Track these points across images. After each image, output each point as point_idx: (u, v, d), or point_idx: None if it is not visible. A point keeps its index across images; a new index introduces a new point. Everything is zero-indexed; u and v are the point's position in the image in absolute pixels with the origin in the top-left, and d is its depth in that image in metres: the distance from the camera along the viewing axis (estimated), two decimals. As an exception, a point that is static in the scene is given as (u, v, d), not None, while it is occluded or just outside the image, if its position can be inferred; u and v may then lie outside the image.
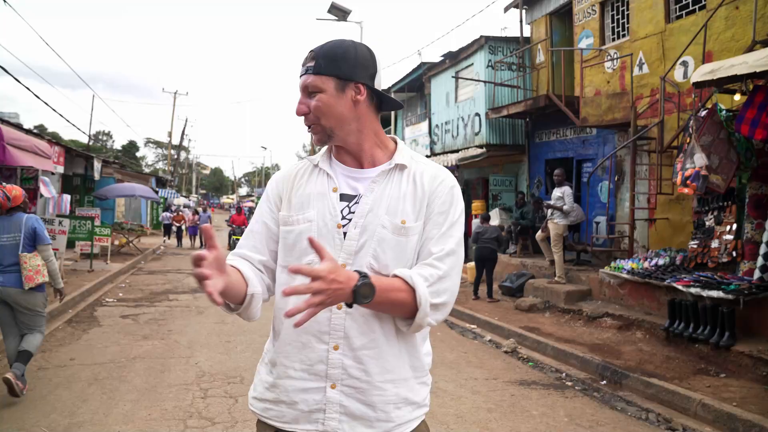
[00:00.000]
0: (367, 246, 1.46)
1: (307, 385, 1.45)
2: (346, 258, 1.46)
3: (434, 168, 1.58)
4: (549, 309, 8.88)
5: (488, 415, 4.65)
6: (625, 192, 9.61)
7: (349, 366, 1.44)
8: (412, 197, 1.51)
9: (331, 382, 1.43)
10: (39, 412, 4.37)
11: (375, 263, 1.46)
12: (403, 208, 1.50)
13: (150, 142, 65.80)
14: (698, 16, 8.31)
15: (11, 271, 4.48)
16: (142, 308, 9.01)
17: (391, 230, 1.47)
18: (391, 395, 1.46)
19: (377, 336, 1.46)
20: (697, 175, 6.48)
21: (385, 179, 1.53)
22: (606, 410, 4.89)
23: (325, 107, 1.47)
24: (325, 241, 1.45)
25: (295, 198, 1.56)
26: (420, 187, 1.52)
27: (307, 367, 1.45)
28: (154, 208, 29.30)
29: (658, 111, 8.51)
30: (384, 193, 1.51)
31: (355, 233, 1.47)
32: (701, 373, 5.65)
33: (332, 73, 1.47)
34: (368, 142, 1.56)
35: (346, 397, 1.43)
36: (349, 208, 1.51)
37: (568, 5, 11.39)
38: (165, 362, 5.87)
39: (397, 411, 1.47)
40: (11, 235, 4.54)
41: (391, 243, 1.47)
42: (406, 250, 1.49)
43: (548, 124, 11.72)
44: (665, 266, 7.68)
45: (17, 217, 4.60)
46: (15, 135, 8.74)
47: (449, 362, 6.26)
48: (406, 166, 1.54)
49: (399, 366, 1.50)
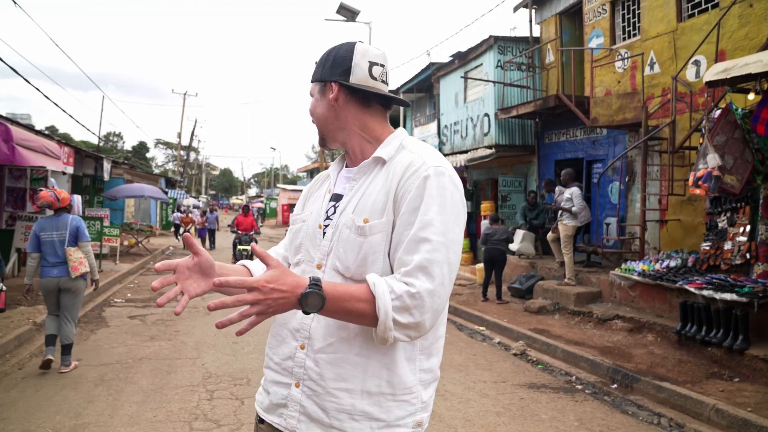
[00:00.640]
0: (336, 247, 1.43)
1: (278, 378, 1.48)
2: (320, 258, 1.46)
3: (415, 156, 1.41)
4: (559, 311, 8.79)
5: (497, 419, 4.58)
6: (635, 193, 9.50)
7: (309, 367, 1.42)
8: (377, 194, 1.41)
9: (296, 380, 1.43)
10: (44, 413, 4.35)
11: (339, 265, 1.42)
12: (369, 206, 1.41)
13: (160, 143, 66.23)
14: (711, 15, 8.20)
15: (61, 263, 5.39)
16: (150, 309, 9.01)
17: (353, 230, 1.40)
18: (345, 404, 1.37)
19: (336, 341, 1.39)
20: (709, 175, 6.37)
21: (365, 175, 1.48)
22: (617, 414, 4.81)
23: (312, 110, 1.56)
24: (309, 241, 1.51)
25: (308, 200, 1.65)
26: (389, 182, 1.40)
27: (280, 361, 1.48)
28: (163, 208, 29.42)
29: (669, 111, 8.41)
30: (359, 191, 1.46)
31: (329, 233, 1.47)
32: (714, 377, 5.55)
33: (316, 78, 1.55)
34: (354, 139, 1.54)
35: (306, 397, 1.41)
36: (335, 207, 1.51)
37: (578, 5, 11.28)
38: (171, 363, 5.85)
39: (352, 422, 1.37)
40: (59, 232, 5.43)
41: (353, 244, 1.39)
42: (367, 252, 1.38)
43: (558, 124, 11.62)
44: (677, 268, 7.57)
45: (64, 217, 5.52)
46: (25, 135, 8.76)
47: (458, 365, 6.20)
48: (384, 159, 1.45)
49: (360, 377, 1.38)
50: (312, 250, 1.48)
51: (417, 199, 1.34)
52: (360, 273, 1.39)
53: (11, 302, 8.18)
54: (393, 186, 1.39)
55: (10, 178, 10.92)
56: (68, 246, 5.42)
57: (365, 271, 1.38)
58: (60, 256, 5.38)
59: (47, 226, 5.45)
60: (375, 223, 1.38)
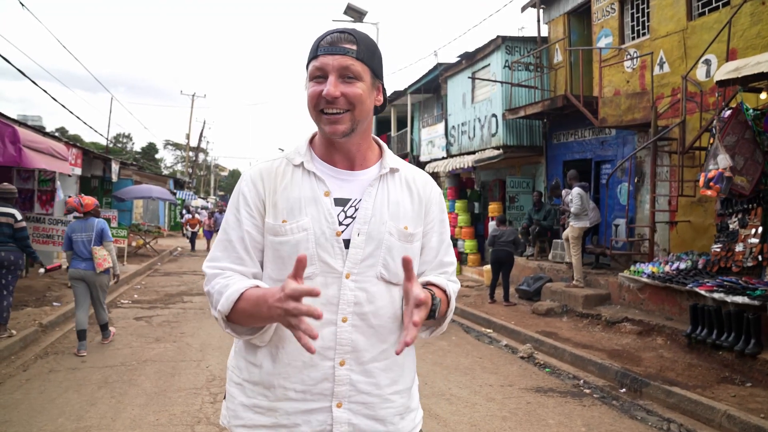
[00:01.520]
0: (375, 254, 1.39)
1: (310, 406, 1.35)
2: (351, 267, 1.37)
3: (422, 173, 1.57)
4: (567, 313, 8.70)
5: (503, 423, 4.51)
6: (645, 194, 9.39)
7: (358, 381, 1.37)
8: (409, 203, 1.48)
9: (338, 400, 1.35)
10: (47, 416, 4.33)
11: (385, 272, 1.40)
12: (403, 214, 1.45)
13: (169, 144, 66.50)
14: (722, 13, 8.08)
15: (87, 259, 6.17)
16: (156, 310, 9.00)
17: (398, 237, 1.42)
18: (398, 406, 1.43)
19: (388, 347, 1.41)
20: (720, 176, 6.27)
21: (381, 183, 1.46)
22: (625, 420, 4.72)
23: (363, 97, 1.36)
24: (324, 251, 1.36)
25: (281, 203, 1.40)
26: (416, 193, 1.50)
27: (308, 387, 1.35)
28: (171, 209, 29.52)
29: (679, 111, 8.30)
30: (385, 198, 1.43)
31: (360, 241, 1.38)
32: (725, 381, 5.44)
33: (370, 66, 1.37)
34: (366, 143, 1.48)
35: (354, 414, 1.37)
36: (345, 213, 1.41)
37: (587, 4, 11.19)
38: (176, 366, 5.82)
39: (402, 422, 1.44)
40: (87, 233, 6.22)
41: (400, 250, 1.41)
42: (412, 257, 1.39)
43: (566, 124, 11.52)
44: (687, 270, 7.46)
45: (91, 220, 6.32)
46: (32, 137, 8.80)
47: (464, 368, 6.13)
48: (398, 169, 1.50)
49: (405, 375, 1.47)
50: (332, 261, 1.36)
51: (443, 212, 1.57)
52: (401, 279, 1.40)
53: (18, 303, 8.19)
54: (423, 201, 1.50)
55: (18, 180, 10.95)
56: (94, 245, 6.21)
57: None
58: (87, 253, 6.18)
59: (77, 228, 6.25)
60: (418, 230, 1.48)
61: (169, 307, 9.28)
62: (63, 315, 7.84)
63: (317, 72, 1.35)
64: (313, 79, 1.36)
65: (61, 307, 8.20)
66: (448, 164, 14.00)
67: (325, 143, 1.46)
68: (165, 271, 14.37)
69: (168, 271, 14.39)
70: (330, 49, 1.33)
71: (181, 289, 11.35)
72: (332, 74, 1.32)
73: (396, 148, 20.45)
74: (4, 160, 7.91)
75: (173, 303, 9.72)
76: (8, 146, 7.89)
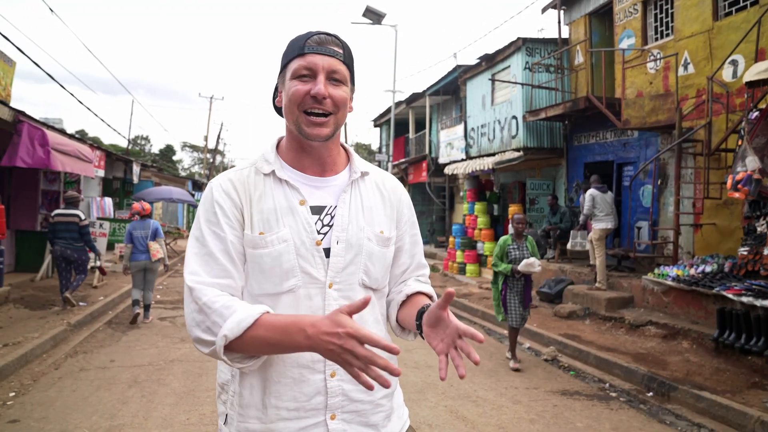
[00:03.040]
0: (356, 261, 1.37)
1: (304, 424, 1.31)
2: (333, 276, 1.34)
3: (389, 175, 1.57)
4: (589, 316, 8.64)
5: (531, 426, 4.51)
6: (668, 196, 9.31)
7: (350, 390, 1.34)
8: (382, 207, 1.47)
9: (331, 412, 1.32)
10: (81, 413, 4.41)
11: (366, 278, 1.39)
12: (378, 218, 1.45)
13: (186, 146, 67.04)
14: (750, 12, 7.98)
15: (145, 251, 7.86)
16: (179, 311, 9.09)
17: (376, 242, 1.42)
18: (387, 408, 1.43)
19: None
20: (749, 178, 6.20)
21: (353, 188, 1.44)
22: (654, 424, 4.69)
23: (347, 101, 1.36)
24: (305, 261, 1.32)
25: (256, 214, 1.34)
26: (387, 196, 1.50)
27: (301, 404, 1.31)
28: (190, 210, 29.79)
29: (704, 112, 8.22)
30: (359, 204, 1.42)
31: (340, 249, 1.35)
32: (756, 387, 5.37)
33: (352, 72, 1.38)
34: (337, 148, 1.45)
35: (348, 424, 1.34)
36: (322, 221, 1.37)
37: (609, 5, 11.11)
38: (202, 365, 5.89)
39: (390, 423, 1.44)
40: (144, 231, 7.91)
41: (379, 256, 1.42)
42: (388, 261, 1.47)
43: (587, 126, 11.45)
44: (713, 273, 7.38)
45: (147, 221, 8.03)
46: (60, 140, 8.95)
47: (488, 370, 6.12)
48: (368, 173, 1.49)
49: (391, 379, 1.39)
50: (314, 271, 1.33)
51: (413, 215, 1.58)
52: (382, 283, 1.45)
53: (46, 303, 8.35)
54: (394, 201, 1.50)
55: (45, 181, 11.16)
56: (150, 240, 7.89)
57: (385, 280, 1.47)
58: (145, 247, 7.85)
59: (137, 227, 7.93)
60: (392, 234, 1.48)
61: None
62: (90, 315, 7.97)
63: (304, 71, 1.31)
64: (297, 78, 1.32)
65: (88, 307, 8.33)
66: (468, 166, 13.98)
67: (295, 148, 1.41)
68: (186, 272, 14.50)
69: (189, 272, 14.52)
70: (319, 49, 1.31)
71: (202, 290, 11.45)
72: (321, 74, 1.30)
73: (414, 149, 20.46)
74: (34, 163, 8.06)
75: (196, 303, 9.81)
76: (38, 149, 8.05)
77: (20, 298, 8.45)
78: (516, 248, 6.34)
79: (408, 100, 20.58)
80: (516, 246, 6.35)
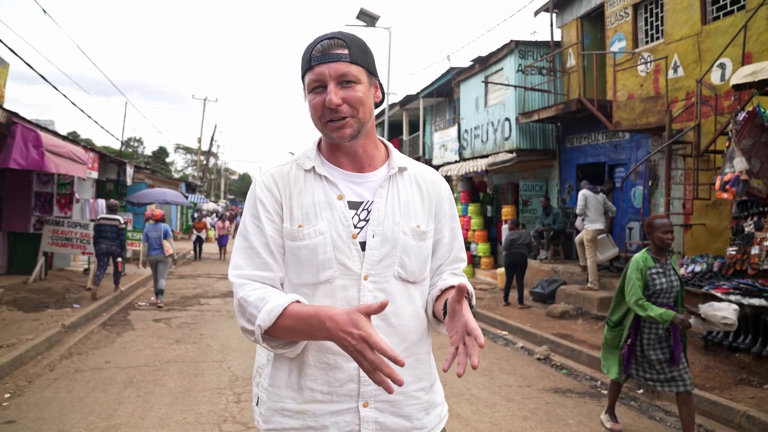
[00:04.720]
0: (391, 255, 1.42)
1: (336, 408, 1.37)
2: (368, 269, 1.40)
3: (430, 170, 1.59)
4: (581, 316, 8.73)
5: (524, 423, 4.57)
6: (659, 197, 9.41)
7: None
8: (420, 201, 1.50)
9: (364, 400, 1.37)
10: (78, 414, 4.44)
11: (402, 272, 1.43)
12: (414, 213, 1.48)
13: (180, 147, 66.90)
14: (737, 17, 8.11)
15: (158, 248, 9.54)
16: (174, 312, 9.12)
17: (412, 236, 1.45)
18: (423, 402, 1.46)
19: (411, 345, 1.44)
20: (737, 179, 6.30)
21: (391, 184, 1.48)
22: (644, 420, 4.77)
23: (364, 99, 1.37)
24: (342, 253, 1.39)
25: (296, 209, 1.41)
26: (426, 190, 1.53)
27: (334, 389, 1.37)
28: (184, 212, 29.73)
29: (693, 114, 8.33)
30: (395, 198, 1.46)
31: (375, 242, 1.40)
32: (743, 383, 5.47)
33: (365, 65, 1.39)
34: (372, 143, 1.49)
35: (381, 413, 1.38)
36: (359, 216, 1.43)
37: (600, 8, 11.23)
38: (198, 366, 5.92)
39: (427, 417, 1.47)
40: (157, 233, 9.60)
41: (415, 249, 1.45)
42: (426, 254, 1.49)
43: (579, 128, 11.56)
44: (702, 273, 7.48)
45: (159, 224, 9.78)
46: (53, 141, 8.95)
47: (482, 369, 6.19)
48: (406, 168, 1.52)
49: (428, 372, 1.50)
50: (350, 263, 1.38)
51: (453, 208, 1.59)
52: (420, 276, 1.47)
53: (39, 305, 8.35)
54: (433, 195, 1.53)
55: (38, 183, 11.13)
56: (163, 239, 9.56)
57: (423, 273, 1.48)
58: (158, 245, 9.54)
59: (151, 229, 9.69)
60: (430, 228, 1.50)
61: (186, 310, 9.40)
62: (84, 316, 7.98)
63: (315, 83, 1.35)
64: (312, 91, 1.37)
65: (81, 309, 8.33)
66: (461, 168, 14.06)
67: (332, 147, 1.47)
68: (180, 274, 14.50)
69: (183, 274, 14.53)
70: (323, 58, 1.34)
71: (197, 292, 11.48)
72: (330, 82, 1.33)
73: (408, 151, 20.53)
74: (28, 164, 8.05)
75: (190, 305, 9.84)
76: (31, 150, 8.04)
77: (13, 300, 8.44)
78: (662, 272, 4.01)
79: (402, 102, 20.66)
80: (661, 269, 4.02)
